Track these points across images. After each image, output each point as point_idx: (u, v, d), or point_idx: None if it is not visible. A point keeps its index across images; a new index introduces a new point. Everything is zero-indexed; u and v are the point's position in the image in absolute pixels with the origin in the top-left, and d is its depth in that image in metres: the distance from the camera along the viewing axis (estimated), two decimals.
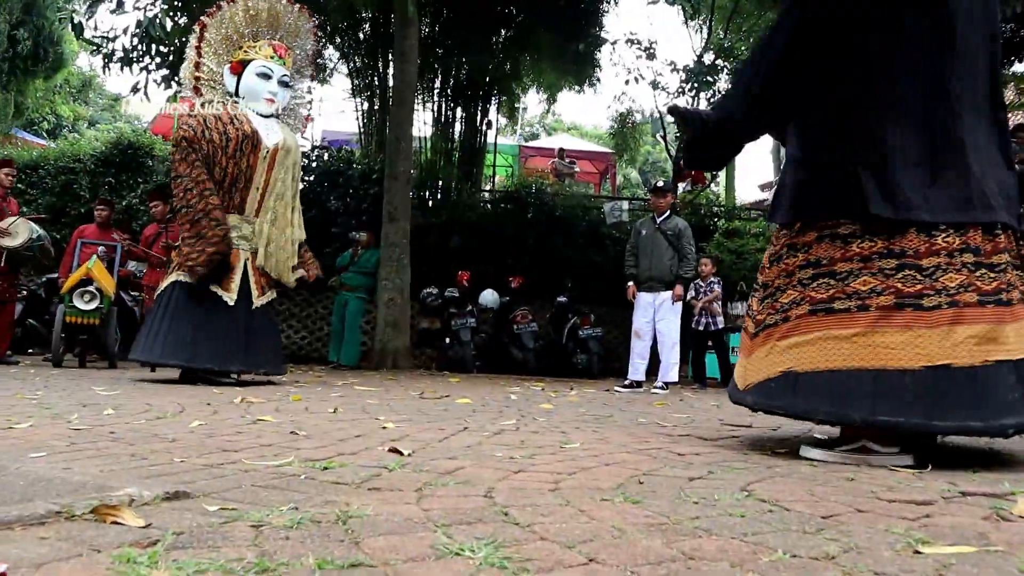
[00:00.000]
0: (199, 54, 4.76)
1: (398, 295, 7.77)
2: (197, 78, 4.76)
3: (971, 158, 2.05)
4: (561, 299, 8.40)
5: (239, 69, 4.79)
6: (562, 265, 9.01)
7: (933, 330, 1.94)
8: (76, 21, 8.27)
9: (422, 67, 9.51)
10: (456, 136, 10.99)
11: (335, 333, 7.98)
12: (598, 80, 11.63)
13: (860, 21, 2.10)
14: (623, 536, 1.10)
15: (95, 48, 8.31)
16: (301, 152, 5.30)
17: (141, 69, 7.98)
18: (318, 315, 9.10)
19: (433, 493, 1.40)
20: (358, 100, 10.92)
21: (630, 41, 11.16)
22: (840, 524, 1.23)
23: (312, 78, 5.54)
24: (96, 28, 8.86)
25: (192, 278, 4.49)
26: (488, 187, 12.48)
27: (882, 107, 2.12)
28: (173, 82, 8.11)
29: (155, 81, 8.04)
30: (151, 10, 7.92)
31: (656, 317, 5.92)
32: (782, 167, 2.63)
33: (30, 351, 7.64)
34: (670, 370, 5.87)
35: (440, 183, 10.59)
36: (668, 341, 5.89)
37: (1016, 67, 8.55)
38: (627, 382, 5.89)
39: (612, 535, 1.11)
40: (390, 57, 9.67)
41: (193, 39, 4.81)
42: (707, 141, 2.43)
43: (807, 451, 2.05)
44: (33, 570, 0.85)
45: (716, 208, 11.03)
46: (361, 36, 10.60)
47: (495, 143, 12.67)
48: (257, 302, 4.73)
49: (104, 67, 8.10)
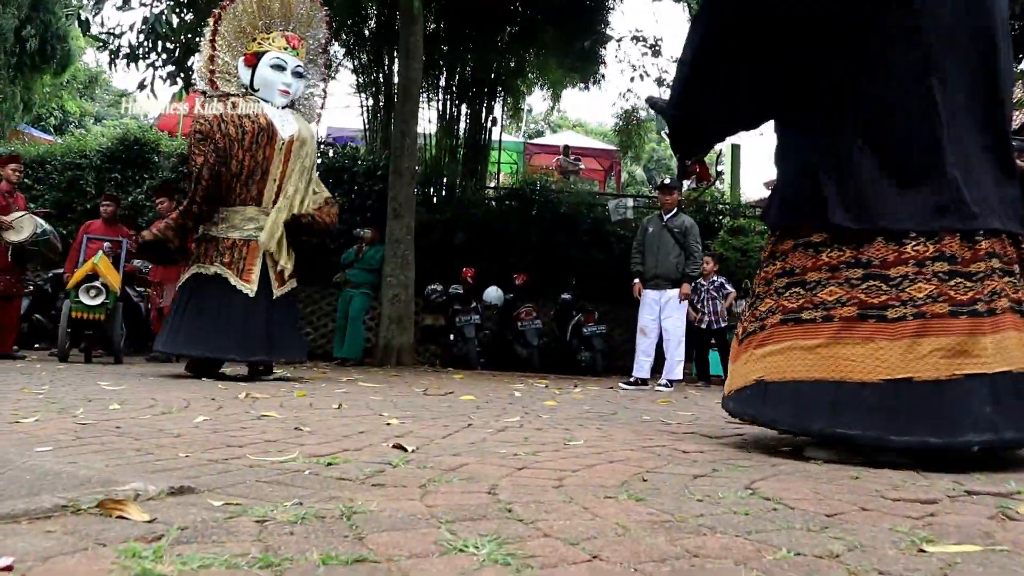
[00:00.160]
0: (213, 47, 4.80)
1: (402, 291, 7.77)
2: (212, 71, 4.79)
3: (949, 163, 1.96)
4: (565, 296, 8.39)
5: (253, 61, 4.84)
6: (566, 262, 9.00)
7: (895, 342, 1.89)
8: (83, 18, 8.27)
9: (427, 64, 9.50)
10: (461, 133, 10.97)
11: (339, 330, 7.98)
12: (603, 77, 11.60)
13: (820, 16, 2.01)
14: (627, 533, 1.10)
15: (101, 44, 8.32)
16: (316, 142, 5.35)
17: (148, 66, 8.00)
18: (322, 312, 9.11)
19: (437, 489, 1.40)
20: (363, 96, 10.92)
21: (635, 38, 11.12)
22: (845, 522, 1.22)
23: (326, 66, 5.57)
24: (103, 25, 8.88)
25: (138, 239, 4.77)
26: (493, 184, 12.47)
27: (848, 111, 2.05)
28: (179, 78, 8.12)
29: (161, 77, 8.05)
30: (157, 6, 7.94)
31: (662, 315, 5.92)
32: None
33: (36, 346, 7.67)
34: (674, 368, 5.87)
35: (445, 180, 10.59)
36: (673, 339, 5.89)
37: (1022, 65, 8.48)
38: (632, 379, 5.89)
39: (616, 532, 1.11)
40: (395, 54, 9.66)
41: (207, 32, 4.85)
42: (680, 128, 2.45)
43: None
44: (39, 563, 0.86)
45: (721, 206, 10.99)
46: (366, 32, 10.59)
47: (500, 140, 12.65)
48: (277, 292, 4.78)
49: (110, 63, 8.12)
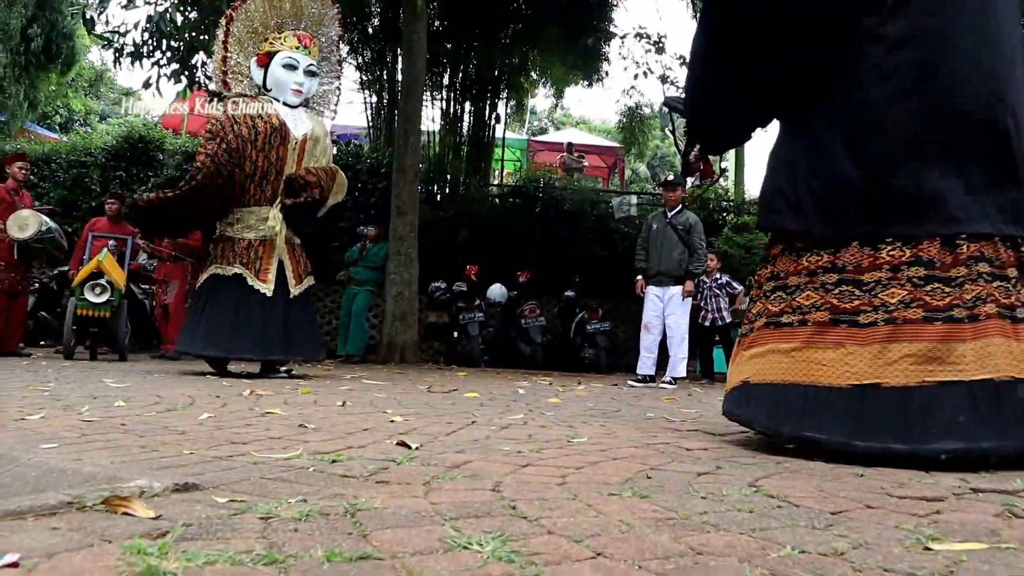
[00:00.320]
0: (225, 48, 4.82)
1: (406, 289, 7.77)
2: (224, 72, 4.82)
3: (931, 165, 1.91)
4: (569, 293, 8.38)
5: (265, 61, 4.85)
6: (570, 259, 8.99)
7: (865, 348, 1.88)
8: (88, 16, 8.29)
9: (431, 61, 9.50)
10: (464, 130, 10.96)
11: (343, 327, 7.99)
12: (607, 74, 11.58)
13: (820, 15, 2.00)
14: (631, 530, 1.10)
15: (106, 43, 8.33)
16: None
17: (153, 64, 8.01)
18: (327, 309, 9.12)
19: (441, 486, 1.40)
20: (366, 94, 10.93)
21: (639, 35, 11.10)
22: (849, 520, 1.22)
23: (339, 63, 5.58)
24: (107, 23, 8.88)
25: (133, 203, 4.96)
26: (496, 181, 12.46)
27: (829, 111, 2.04)
28: (183, 76, 8.13)
29: (166, 76, 8.06)
30: (161, 5, 7.95)
31: (665, 312, 5.91)
32: None
33: (42, 343, 7.71)
34: (678, 365, 5.86)
35: (448, 177, 10.58)
36: (676, 336, 5.88)
37: None
38: (640, 377, 5.88)
39: (620, 529, 1.11)
40: (399, 51, 9.66)
41: (219, 34, 4.87)
42: (701, 129, 2.46)
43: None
44: (44, 560, 0.86)
45: (725, 203, 10.97)
46: (370, 30, 10.59)
47: (503, 137, 12.65)
48: (294, 291, 4.80)
49: (115, 62, 8.13)
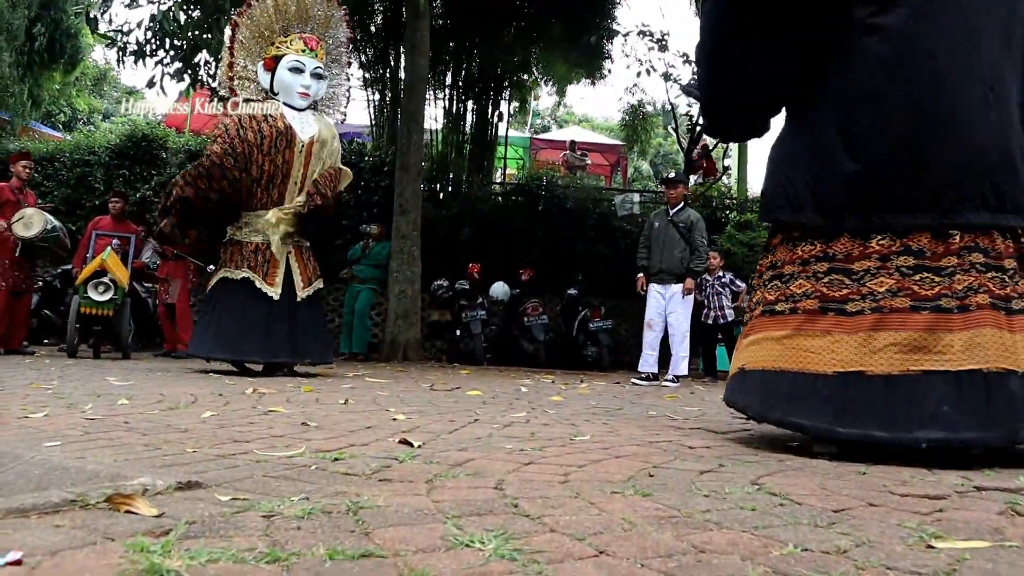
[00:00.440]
0: (232, 53, 4.84)
1: (409, 287, 7.78)
2: (231, 77, 4.83)
3: (924, 156, 1.90)
4: (571, 291, 8.38)
5: (272, 65, 4.86)
6: (572, 257, 8.99)
7: (851, 336, 1.91)
8: (91, 15, 8.30)
9: (433, 60, 9.49)
10: (467, 128, 10.96)
11: (346, 325, 8.01)
12: (609, 72, 11.58)
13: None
14: (633, 529, 1.10)
15: (110, 42, 8.35)
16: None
17: (156, 63, 8.02)
18: (329, 307, 9.13)
19: (443, 484, 1.40)
20: (369, 92, 10.93)
21: (642, 33, 11.09)
22: (852, 518, 1.22)
23: (348, 64, 5.58)
24: (111, 22, 8.91)
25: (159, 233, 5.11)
26: (499, 180, 12.45)
27: (830, 102, 2.03)
28: (186, 75, 8.14)
29: (169, 75, 8.07)
30: (164, 4, 7.96)
31: (667, 310, 5.91)
32: None
33: (45, 342, 7.73)
34: (680, 363, 5.86)
35: (451, 175, 10.58)
36: (678, 334, 5.87)
37: None
38: (644, 375, 5.88)
39: (622, 528, 1.11)
40: (401, 50, 9.66)
41: (226, 39, 4.89)
42: (719, 115, 2.44)
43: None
44: (48, 557, 0.86)
45: (728, 200, 10.95)
46: (373, 28, 10.59)
47: (506, 135, 12.64)
48: (302, 294, 4.81)
49: (118, 61, 8.15)
